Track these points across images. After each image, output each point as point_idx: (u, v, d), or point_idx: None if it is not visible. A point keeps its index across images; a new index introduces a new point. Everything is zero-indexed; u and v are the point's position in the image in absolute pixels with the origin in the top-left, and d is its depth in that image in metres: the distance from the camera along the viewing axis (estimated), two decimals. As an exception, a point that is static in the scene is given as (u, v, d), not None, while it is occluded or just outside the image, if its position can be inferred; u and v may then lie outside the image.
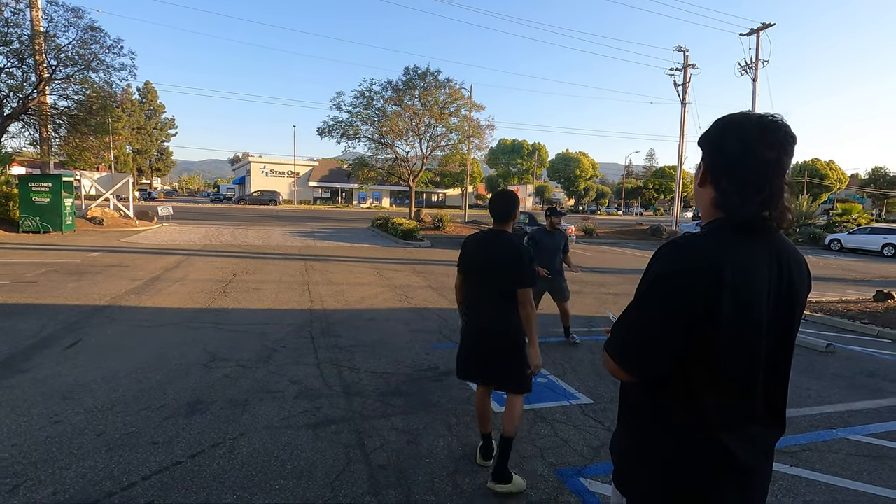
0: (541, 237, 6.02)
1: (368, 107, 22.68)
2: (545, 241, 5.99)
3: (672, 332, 1.16)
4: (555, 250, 6.00)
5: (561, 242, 6.04)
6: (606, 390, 4.60)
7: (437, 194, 76.73)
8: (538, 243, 5.96)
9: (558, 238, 6.04)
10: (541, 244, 5.96)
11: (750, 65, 32.62)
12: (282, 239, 18.16)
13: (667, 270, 1.19)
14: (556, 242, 6.01)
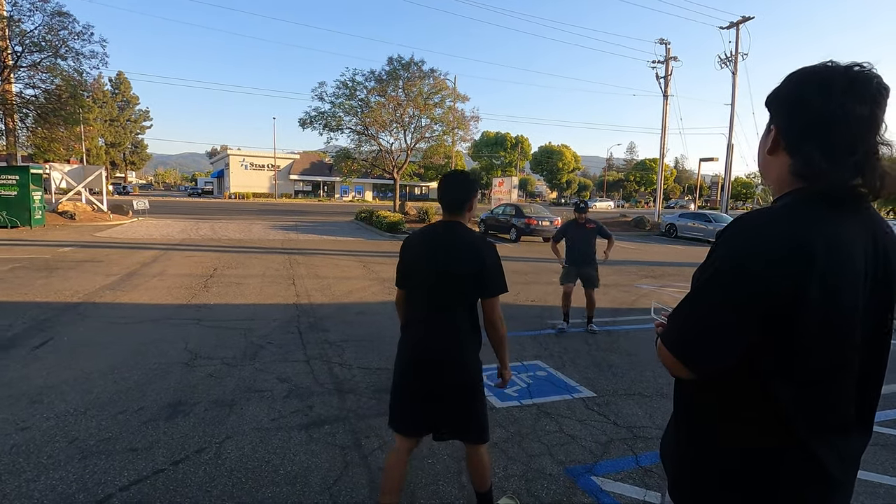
0: (570, 229, 6.40)
1: (351, 97, 22.24)
2: (574, 233, 6.37)
3: (744, 324, 0.99)
4: (585, 240, 6.36)
5: (593, 234, 6.37)
6: (608, 383, 4.47)
7: (420, 188, 76.26)
8: (567, 234, 6.39)
9: (589, 230, 6.36)
10: (570, 235, 6.38)
11: (730, 58, 32.98)
12: (263, 233, 17.72)
13: (738, 254, 1.01)
14: (585, 234, 6.35)
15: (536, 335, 6.02)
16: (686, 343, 1.07)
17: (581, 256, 6.35)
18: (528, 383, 4.38)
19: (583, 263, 6.34)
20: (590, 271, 6.35)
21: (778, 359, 1.00)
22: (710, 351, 1.04)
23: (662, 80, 32.47)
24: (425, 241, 2.19)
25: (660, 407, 3.97)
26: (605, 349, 5.54)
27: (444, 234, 2.16)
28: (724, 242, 1.06)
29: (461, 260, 2.08)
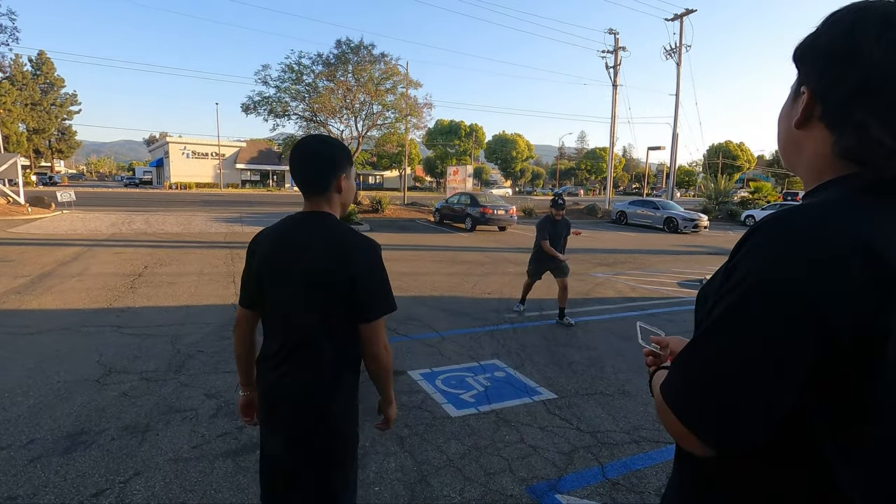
0: (550, 226, 6.26)
1: (298, 81, 21.17)
2: (552, 230, 6.26)
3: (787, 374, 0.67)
4: (562, 235, 6.36)
5: (564, 230, 6.39)
6: (568, 382, 4.26)
7: (374, 176, 74.92)
8: (550, 232, 6.22)
9: (562, 226, 6.37)
10: (545, 230, 6.24)
11: (674, 49, 33.99)
12: (205, 225, 16.62)
13: (777, 268, 0.68)
14: (561, 228, 6.34)
15: (494, 331, 5.76)
16: (700, 408, 0.73)
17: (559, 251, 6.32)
18: (486, 386, 4.10)
19: (554, 258, 6.25)
20: (559, 263, 6.28)
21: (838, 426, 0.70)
22: (737, 419, 0.70)
23: (612, 69, 33.07)
24: (275, 241, 1.54)
25: (622, 407, 3.78)
26: (564, 344, 5.35)
27: (300, 229, 1.51)
28: (751, 253, 0.73)
29: (323, 266, 1.44)
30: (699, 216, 22.33)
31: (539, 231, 6.31)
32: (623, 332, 5.94)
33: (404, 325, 5.85)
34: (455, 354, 4.86)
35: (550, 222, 6.26)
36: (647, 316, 6.81)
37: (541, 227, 6.32)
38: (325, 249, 1.45)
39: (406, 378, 4.20)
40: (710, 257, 13.91)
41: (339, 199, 1.55)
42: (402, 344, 5.13)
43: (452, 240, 15.59)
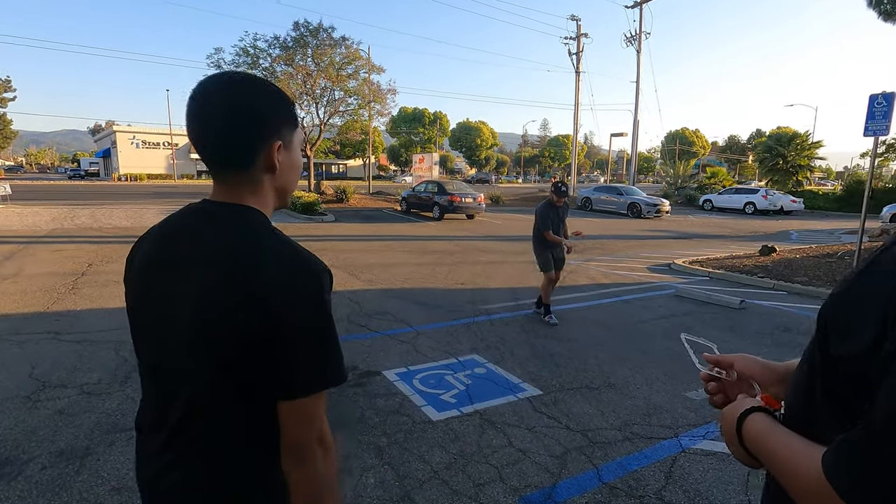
0: (548, 211, 5.95)
1: (254, 66, 20.14)
2: (552, 215, 5.95)
3: None
4: (562, 221, 6.09)
5: (565, 214, 6.12)
6: (552, 376, 4.08)
7: (337, 165, 73.29)
8: (550, 219, 5.92)
9: (563, 211, 6.09)
10: (548, 218, 5.92)
11: (634, 36, 34.45)
12: (157, 218, 15.36)
13: None
14: (560, 216, 6.05)
15: (470, 323, 5.53)
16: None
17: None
18: (467, 384, 3.86)
19: (559, 246, 5.97)
20: (560, 252, 6.02)
21: None
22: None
23: (574, 56, 33.21)
24: (149, 252, 0.95)
25: (609, 401, 3.63)
26: (543, 335, 5.18)
27: (192, 232, 0.91)
28: None
29: (218, 299, 0.83)
30: (661, 201, 22.81)
31: (541, 220, 5.92)
32: (600, 319, 5.83)
33: (375, 320, 5.54)
34: (431, 350, 4.61)
35: (551, 208, 5.93)
36: (622, 302, 6.74)
37: (542, 214, 5.95)
38: (223, 271, 0.83)
39: (381, 379, 3.91)
40: (674, 241, 14.15)
41: (270, 184, 0.94)
42: (375, 341, 4.82)
43: (420, 229, 15.27)
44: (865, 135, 7.14)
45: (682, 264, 9.55)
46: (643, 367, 4.31)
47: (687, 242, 13.95)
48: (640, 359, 4.53)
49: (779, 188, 32.42)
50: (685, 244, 13.55)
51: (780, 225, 20.21)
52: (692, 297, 7.02)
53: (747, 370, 0.88)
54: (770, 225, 20.10)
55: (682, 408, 3.53)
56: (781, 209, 25.66)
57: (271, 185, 0.95)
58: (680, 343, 2.81)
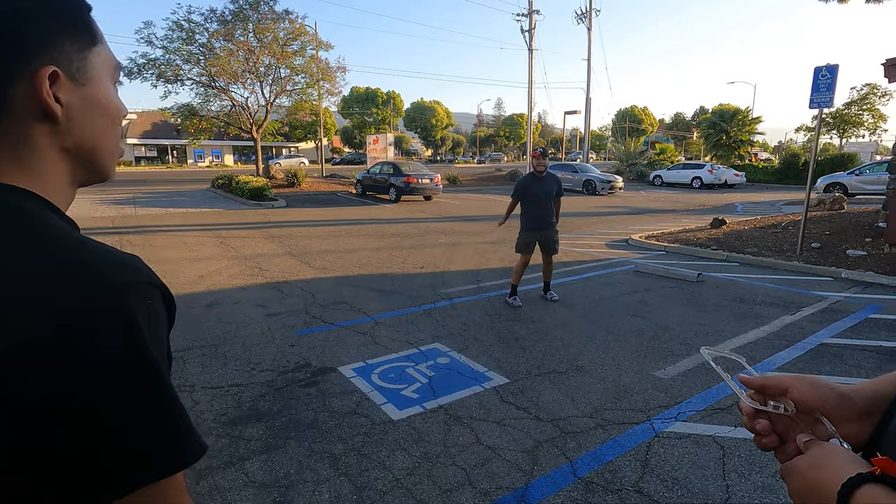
0: (529, 183, 5.34)
1: (190, 41, 18.71)
2: (534, 188, 5.29)
3: None
4: (546, 198, 5.36)
5: (552, 188, 5.36)
6: (518, 362, 3.90)
7: (288, 148, 70.66)
8: (527, 191, 5.32)
9: (549, 184, 5.34)
10: (529, 191, 5.31)
11: (585, 14, 34.60)
12: (88, 209, 14.40)
13: None
14: (546, 189, 5.32)
15: (431, 309, 5.28)
16: None
17: (542, 218, 5.37)
18: (430, 376, 3.62)
19: (545, 226, 5.39)
20: (551, 234, 5.43)
21: None
22: None
23: (527, 33, 32.99)
24: None
25: (579, 385, 3.48)
26: (507, 318, 5.01)
27: None
28: None
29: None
30: (615, 178, 23.23)
31: (514, 190, 5.41)
32: (564, 299, 5.71)
33: (330, 310, 5.19)
34: (391, 341, 4.33)
35: (533, 179, 5.34)
36: (584, 280, 6.67)
37: (519, 184, 5.39)
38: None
39: (337, 376, 3.61)
40: (629, 217, 14.39)
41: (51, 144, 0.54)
42: (330, 334, 4.49)
43: (377, 212, 14.82)
44: (811, 107, 7.30)
45: (638, 239, 9.64)
46: (609, 347, 4.21)
47: (641, 217, 14.20)
48: (606, 338, 4.43)
49: (722, 162, 33.81)
50: (640, 219, 13.78)
51: (726, 198, 21.02)
52: (651, 272, 7.05)
53: (811, 399, 0.61)
54: (716, 198, 20.87)
55: (652, 388, 3.43)
56: (725, 183, 26.73)
57: (54, 144, 0.54)
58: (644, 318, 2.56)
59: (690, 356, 4.00)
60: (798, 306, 5.44)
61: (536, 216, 5.39)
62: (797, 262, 7.37)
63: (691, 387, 3.45)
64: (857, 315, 5.12)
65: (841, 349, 4.17)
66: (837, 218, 10.85)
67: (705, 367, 3.80)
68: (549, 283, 5.76)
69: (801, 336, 4.49)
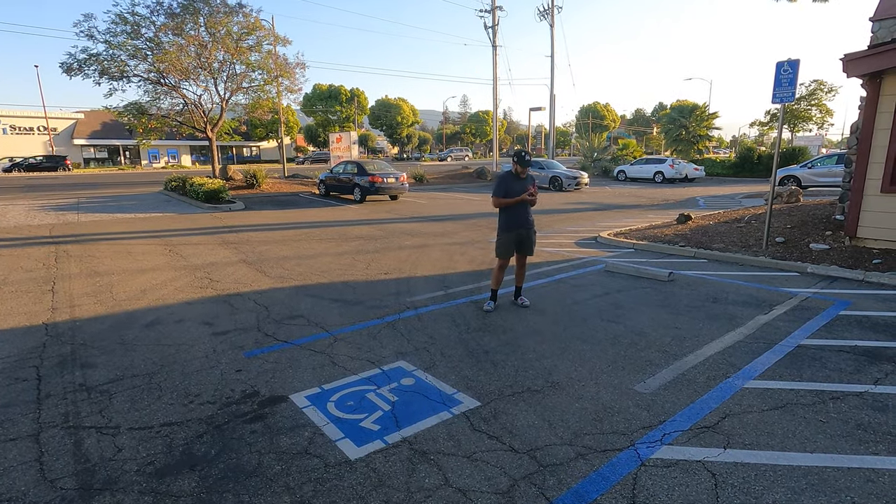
0: (511, 182, 5.18)
1: (135, 36, 17.57)
2: (515, 188, 5.17)
3: None
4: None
5: (530, 188, 5.25)
6: (489, 380, 3.59)
7: (248, 148, 68.51)
8: (510, 190, 5.16)
9: (527, 184, 5.25)
10: (512, 191, 5.16)
11: (547, 11, 34.72)
12: (24, 216, 13.29)
13: None
14: (525, 188, 5.19)
15: (395, 321, 4.92)
16: None
17: (524, 218, 5.24)
18: (393, 402, 3.27)
19: (526, 225, 5.25)
20: (529, 235, 5.29)
21: None
22: None
23: (490, 30, 32.86)
24: None
25: (555, 406, 3.20)
26: (476, 328, 4.70)
27: None
28: None
29: None
30: (580, 174, 23.35)
31: (495, 186, 5.19)
32: (535, 304, 5.46)
33: (285, 326, 4.76)
34: (350, 360, 3.95)
35: (513, 178, 5.18)
36: (555, 283, 6.44)
37: (499, 181, 5.22)
38: None
39: (288, 406, 3.21)
40: (596, 213, 14.37)
41: None
42: (283, 354, 4.07)
43: (341, 213, 14.29)
44: (774, 101, 7.30)
45: (607, 237, 9.54)
46: (585, 358, 3.96)
47: (608, 214, 14.21)
48: (581, 347, 4.19)
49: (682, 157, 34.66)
50: (606, 215, 13.77)
51: (687, 192, 21.42)
52: (622, 272, 6.90)
53: None
54: (678, 192, 21.24)
55: (633, 405, 3.18)
56: (686, 177, 27.34)
57: None
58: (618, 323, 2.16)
59: (669, 365, 3.80)
60: (770, 304, 5.36)
61: (517, 216, 5.21)
62: (764, 258, 7.38)
63: (674, 402, 3.22)
64: (829, 312, 5.07)
65: (818, 351, 4.06)
66: (796, 211, 11.06)
67: (686, 377, 3.60)
68: (522, 287, 5.55)
69: (777, 337, 4.36)
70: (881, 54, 6.56)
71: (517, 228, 5.21)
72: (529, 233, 5.29)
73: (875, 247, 7.28)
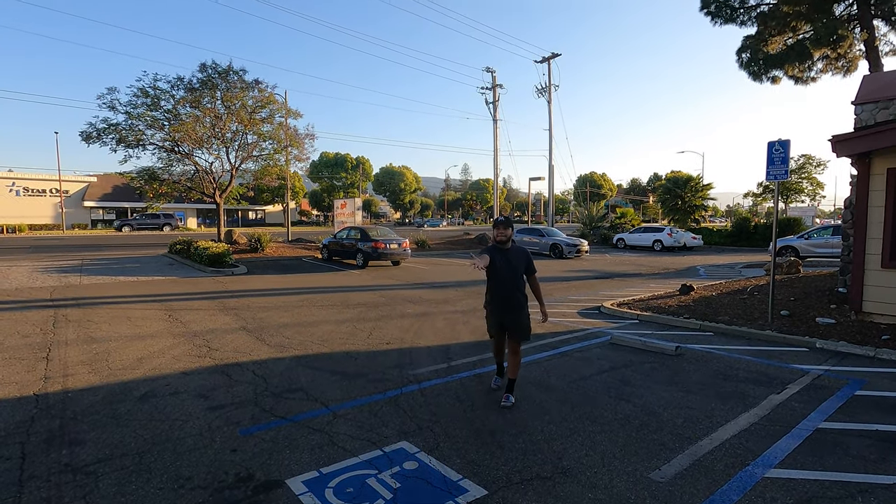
0: (492, 256, 4.48)
1: (154, 107, 18.53)
2: (498, 261, 4.47)
3: None
4: (511, 274, 4.51)
5: (520, 264, 4.56)
6: (496, 463, 3.42)
7: (254, 211, 69.99)
8: (491, 265, 4.47)
9: (516, 257, 4.56)
10: (492, 266, 4.47)
11: (545, 88, 36.78)
12: (26, 278, 13.31)
13: None
14: (512, 263, 4.51)
15: (398, 395, 4.77)
16: None
17: (508, 298, 4.51)
18: (395, 489, 3.09)
19: (511, 308, 4.52)
20: (520, 317, 4.51)
21: None
22: None
23: (491, 105, 34.64)
24: None
25: (568, 496, 3.02)
26: (482, 405, 4.55)
27: None
28: None
29: None
30: (580, 241, 23.66)
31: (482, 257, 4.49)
32: (541, 379, 5.32)
33: (284, 401, 4.61)
34: (351, 440, 3.79)
35: (496, 250, 4.53)
36: (559, 356, 6.32)
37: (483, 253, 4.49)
38: None
39: (284, 492, 3.03)
40: (598, 281, 14.38)
41: None
42: (280, 432, 3.91)
43: (343, 279, 14.31)
44: (767, 179, 7.53)
45: (611, 307, 9.48)
46: (596, 441, 3.79)
47: (609, 282, 14.21)
48: (591, 429, 4.02)
49: (679, 226, 35.27)
50: (608, 284, 13.78)
51: (686, 260, 21.58)
52: (628, 345, 6.78)
53: None
54: (678, 261, 21.39)
55: (650, 497, 3.00)
56: (684, 245, 27.67)
57: None
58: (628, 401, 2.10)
59: (684, 450, 3.63)
60: (782, 383, 5.22)
61: (500, 297, 4.54)
62: (770, 332, 7.28)
63: (693, 493, 3.04)
64: (844, 392, 4.92)
65: (839, 436, 3.89)
66: (797, 282, 11.08)
67: (702, 464, 3.43)
68: (514, 381, 4.61)
69: (793, 420, 4.20)
70: (867, 136, 6.86)
71: (500, 310, 4.56)
72: (518, 315, 4.51)
73: (882, 322, 7.21)
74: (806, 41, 18.27)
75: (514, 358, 4.59)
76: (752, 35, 19.68)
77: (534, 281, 4.75)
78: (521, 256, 4.63)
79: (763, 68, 19.97)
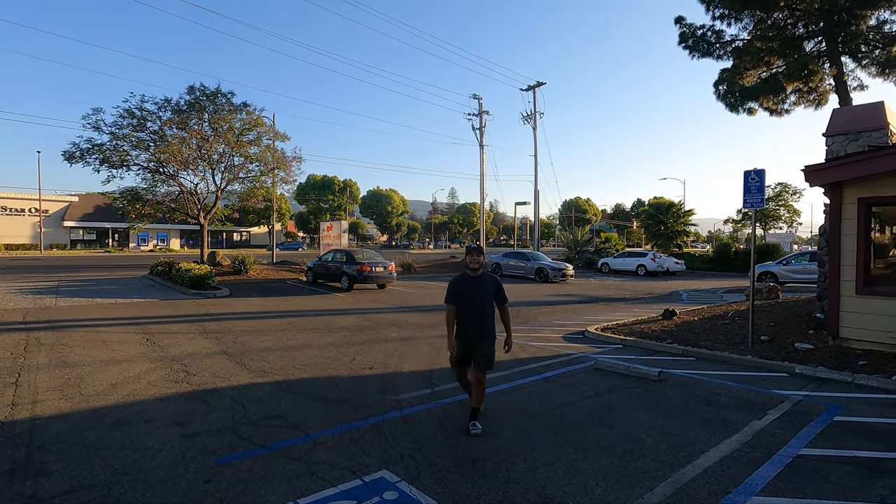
0: (461, 285, 4.47)
1: (140, 128, 18.46)
2: (468, 291, 4.43)
3: None
4: (481, 303, 4.47)
5: (489, 292, 4.50)
6: (478, 494, 3.36)
7: (239, 233, 69.41)
8: (460, 294, 4.44)
9: (485, 286, 4.50)
10: (461, 295, 4.43)
11: (530, 115, 37.58)
12: (0, 299, 12.93)
13: None
14: (481, 292, 4.47)
15: (379, 422, 4.69)
16: None
17: (474, 326, 4.46)
18: (374, 520, 3.01)
19: (477, 336, 4.46)
20: (484, 345, 4.43)
21: None
22: None
23: (478, 131, 35.21)
24: None
25: (550, 525, 2.97)
26: (464, 432, 4.48)
27: None
28: None
29: None
30: (566, 266, 23.84)
31: (448, 293, 4.50)
32: (524, 405, 5.28)
33: (262, 428, 4.49)
34: (330, 469, 3.69)
35: (466, 280, 4.48)
36: (544, 381, 6.30)
37: (452, 286, 4.50)
38: None
39: (258, 525, 2.93)
40: (582, 305, 14.46)
41: None
42: (257, 461, 3.80)
43: (327, 302, 14.17)
44: (745, 207, 7.74)
45: (595, 332, 9.51)
46: (579, 469, 3.76)
47: (594, 307, 14.30)
48: (573, 457, 3.99)
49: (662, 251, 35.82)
50: (593, 308, 13.86)
51: (669, 285, 21.85)
52: (612, 370, 6.79)
53: None
54: (661, 285, 21.65)
55: (632, 526, 2.97)
56: (667, 270, 28.05)
57: None
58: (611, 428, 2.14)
59: (667, 478, 3.61)
60: (763, 408, 5.26)
61: (466, 326, 4.50)
62: (751, 357, 7.36)
63: (675, 522, 3.02)
64: (823, 418, 4.97)
65: (818, 462, 3.91)
66: (777, 308, 11.26)
67: (685, 492, 3.41)
68: (478, 409, 4.54)
69: (774, 446, 4.22)
70: (838, 167, 7.12)
71: (466, 337, 4.48)
72: (483, 344, 4.43)
73: (858, 347, 7.35)
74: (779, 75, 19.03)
75: (478, 388, 4.50)
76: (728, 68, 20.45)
77: (504, 310, 4.73)
78: (491, 285, 4.59)
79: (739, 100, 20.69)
